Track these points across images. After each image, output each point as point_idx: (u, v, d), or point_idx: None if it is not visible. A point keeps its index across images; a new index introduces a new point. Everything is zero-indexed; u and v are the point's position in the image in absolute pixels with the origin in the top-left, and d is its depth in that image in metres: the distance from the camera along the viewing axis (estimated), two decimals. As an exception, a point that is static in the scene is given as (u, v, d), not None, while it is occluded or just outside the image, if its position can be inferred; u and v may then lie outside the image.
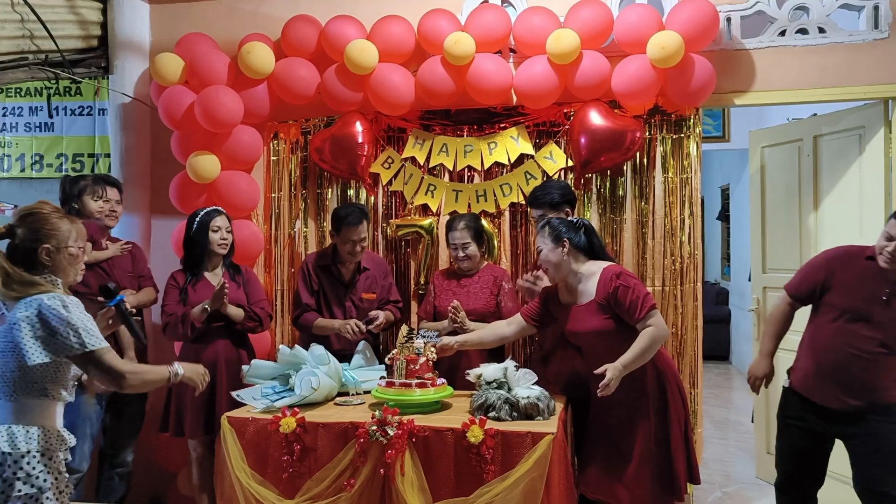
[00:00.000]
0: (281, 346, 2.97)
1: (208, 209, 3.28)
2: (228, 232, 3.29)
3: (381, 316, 3.26)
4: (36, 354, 1.91)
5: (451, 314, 3.12)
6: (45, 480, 1.95)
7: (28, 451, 1.93)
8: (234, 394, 2.84)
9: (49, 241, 2.02)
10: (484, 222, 3.46)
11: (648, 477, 2.59)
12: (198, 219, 3.23)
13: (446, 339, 2.90)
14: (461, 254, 3.25)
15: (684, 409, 2.72)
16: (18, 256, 2.01)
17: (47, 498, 1.94)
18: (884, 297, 2.55)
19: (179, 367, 2.22)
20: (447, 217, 3.57)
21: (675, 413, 2.65)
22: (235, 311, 3.19)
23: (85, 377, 2.18)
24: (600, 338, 2.65)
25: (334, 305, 3.33)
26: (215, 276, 3.27)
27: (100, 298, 2.45)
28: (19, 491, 1.91)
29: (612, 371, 2.47)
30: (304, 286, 3.36)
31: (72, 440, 2.05)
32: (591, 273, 2.70)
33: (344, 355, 3.12)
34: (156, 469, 3.78)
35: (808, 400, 2.68)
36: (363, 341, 3.21)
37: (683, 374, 3.42)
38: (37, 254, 2.01)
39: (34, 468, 1.94)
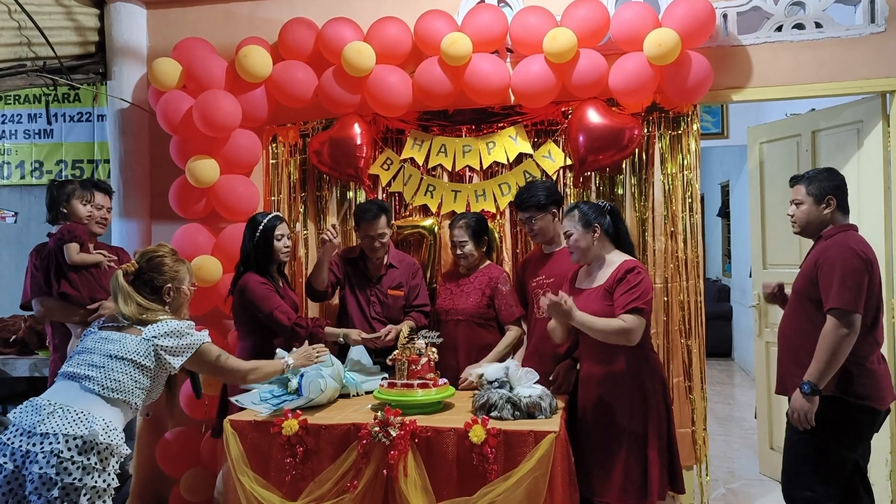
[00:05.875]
0: (278, 350, 2.95)
1: (269, 216, 3.22)
2: (289, 239, 3.28)
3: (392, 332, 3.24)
4: (177, 361, 2.25)
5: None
6: (113, 479, 2.09)
7: (111, 446, 2.08)
8: (233, 399, 2.83)
9: (171, 281, 2.36)
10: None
11: (619, 478, 2.59)
12: (261, 226, 3.18)
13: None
14: (459, 251, 3.28)
15: (667, 416, 2.71)
16: (145, 292, 2.33)
17: (109, 496, 2.08)
18: (800, 268, 2.68)
19: (289, 358, 2.69)
20: (450, 217, 3.58)
21: (654, 419, 2.64)
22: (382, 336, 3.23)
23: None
24: None
25: (360, 297, 3.38)
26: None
27: None
28: (94, 482, 2.03)
29: (569, 302, 2.52)
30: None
31: (129, 452, 2.21)
32: (612, 262, 2.73)
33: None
34: (158, 475, 3.78)
35: None
36: (360, 346, 3.21)
37: (687, 372, 3.42)
38: (162, 291, 2.35)
39: (111, 465, 2.08)
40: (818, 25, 3.41)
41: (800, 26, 3.43)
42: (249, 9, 3.93)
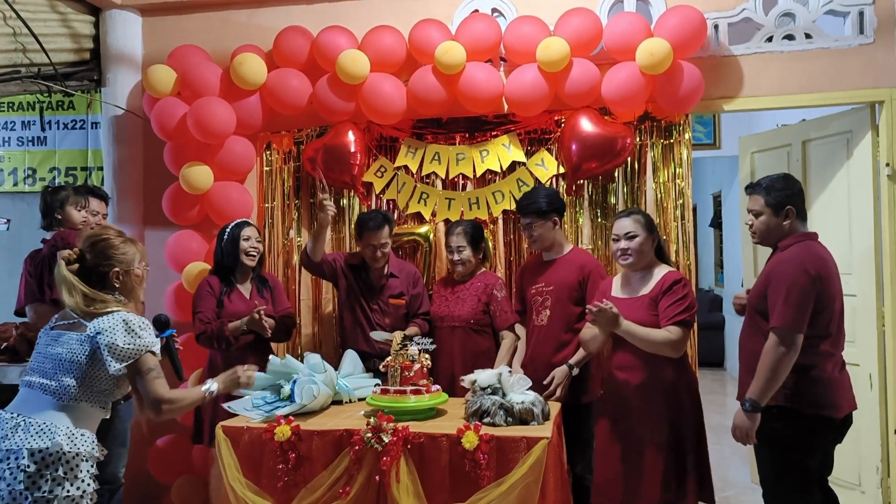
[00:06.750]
0: (271, 357, 2.96)
1: (237, 221, 3.32)
2: (258, 241, 3.32)
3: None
4: (114, 365, 2.03)
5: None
6: (88, 485, 2.03)
7: (79, 453, 2.01)
8: (225, 405, 2.82)
9: (118, 265, 2.18)
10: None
11: (659, 489, 2.61)
12: (228, 230, 3.26)
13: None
14: (456, 257, 3.28)
15: (699, 427, 2.73)
16: (93, 279, 2.15)
17: (89, 499, 2.03)
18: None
19: (213, 384, 2.31)
20: (444, 224, 3.59)
21: (692, 428, 2.68)
22: (270, 323, 3.16)
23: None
24: None
25: (362, 305, 3.37)
26: (246, 290, 3.29)
27: None
28: (67, 492, 1.97)
29: (613, 310, 2.56)
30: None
31: (104, 452, 2.13)
32: (657, 273, 2.78)
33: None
34: (149, 482, 3.75)
35: None
36: (350, 350, 3.21)
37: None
38: (108, 277, 2.17)
39: (83, 471, 2.02)
40: (808, 36, 3.45)
41: (790, 37, 3.47)
42: (244, 16, 3.95)
